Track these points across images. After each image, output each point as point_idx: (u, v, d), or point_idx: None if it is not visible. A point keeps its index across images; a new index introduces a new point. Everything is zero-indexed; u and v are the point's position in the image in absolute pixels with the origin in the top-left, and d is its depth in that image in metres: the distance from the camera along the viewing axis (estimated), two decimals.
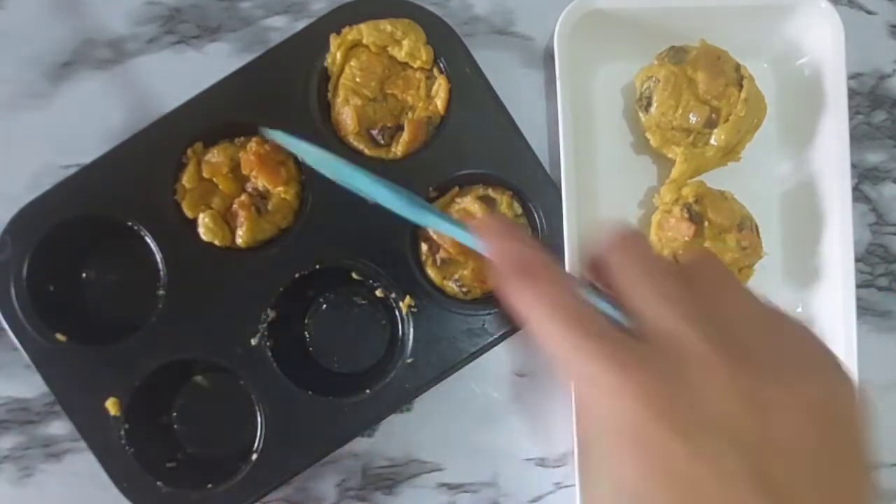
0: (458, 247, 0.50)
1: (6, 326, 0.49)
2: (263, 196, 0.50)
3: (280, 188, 0.49)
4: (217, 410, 0.53)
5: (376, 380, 0.50)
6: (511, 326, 0.50)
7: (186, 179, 0.49)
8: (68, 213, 0.49)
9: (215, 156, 0.49)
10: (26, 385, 0.53)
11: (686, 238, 0.47)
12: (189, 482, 0.49)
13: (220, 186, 0.49)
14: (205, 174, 0.49)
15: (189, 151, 0.49)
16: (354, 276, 0.50)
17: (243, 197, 0.49)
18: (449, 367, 0.50)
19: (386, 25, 0.49)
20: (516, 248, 0.28)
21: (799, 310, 0.53)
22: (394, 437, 0.53)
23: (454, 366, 0.50)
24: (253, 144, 0.49)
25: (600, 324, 0.26)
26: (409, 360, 0.49)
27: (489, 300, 0.51)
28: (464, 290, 0.51)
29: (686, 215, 0.47)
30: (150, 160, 0.49)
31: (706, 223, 0.47)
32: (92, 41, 0.53)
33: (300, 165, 0.50)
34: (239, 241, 0.49)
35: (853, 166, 0.51)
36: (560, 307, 0.26)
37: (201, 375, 0.53)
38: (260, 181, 0.49)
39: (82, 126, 0.53)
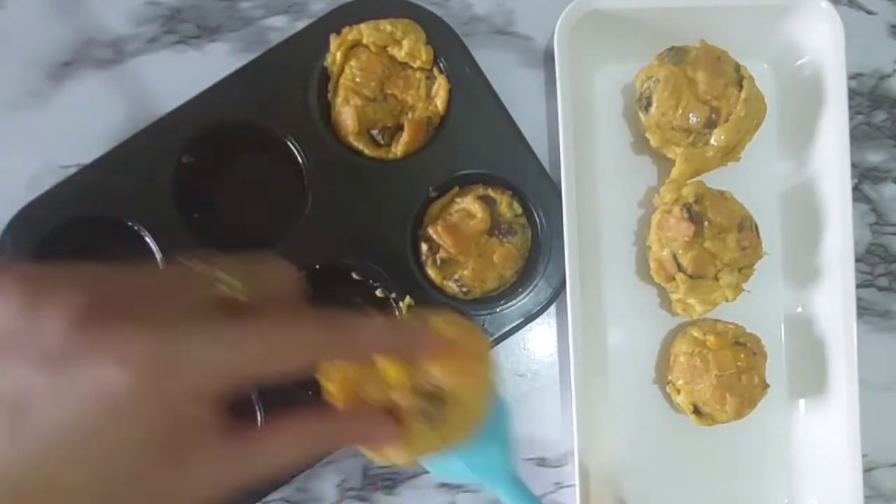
0: (458, 247, 0.50)
1: None
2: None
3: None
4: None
5: None
6: (511, 327, 0.50)
7: None
8: (68, 213, 0.49)
9: None
10: None
11: (686, 238, 0.47)
12: None
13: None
14: None
15: None
16: (354, 276, 0.50)
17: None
18: None
19: (386, 25, 0.49)
20: None
21: (799, 310, 0.53)
22: None
23: None
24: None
25: None
26: None
27: (489, 300, 0.51)
28: (464, 290, 0.51)
29: (686, 215, 0.47)
30: (150, 160, 0.49)
31: (706, 223, 0.47)
32: (92, 41, 0.53)
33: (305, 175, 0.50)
34: None
35: (853, 166, 0.51)
36: None
37: None
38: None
39: (82, 126, 0.53)
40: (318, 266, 0.49)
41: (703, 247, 0.48)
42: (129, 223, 0.49)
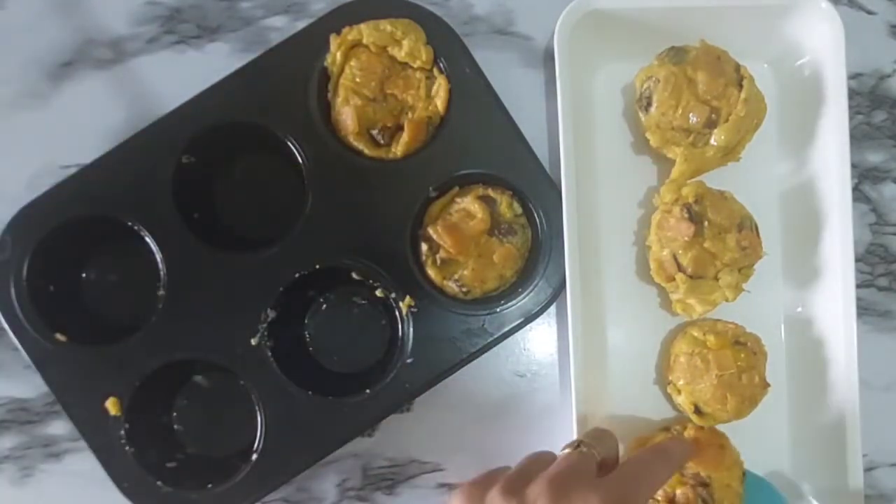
0: (458, 247, 0.50)
1: (6, 326, 0.49)
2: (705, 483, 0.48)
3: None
4: (217, 410, 0.53)
5: (376, 380, 0.50)
6: (511, 327, 0.50)
7: None
8: (68, 213, 0.49)
9: None
10: (26, 385, 0.53)
11: (686, 238, 0.47)
12: (189, 482, 0.49)
13: None
14: None
15: None
16: (354, 276, 0.50)
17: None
18: (449, 367, 0.50)
19: (386, 25, 0.49)
20: None
21: (799, 310, 0.53)
22: (394, 437, 0.53)
23: (454, 366, 0.50)
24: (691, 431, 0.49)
25: None
26: (409, 360, 0.49)
27: (489, 300, 0.51)
28: (464, 290, 0.51)
29: (686, 215, 0.47)
30: (150, 160, 0.49)
31: (706, 223, 0.47)
32: (92, 41, 0.53)
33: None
34: None
35: (853, 166, 0.51)
36: None
37: (201, 375, 0.53)
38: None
39: (82, 126, 0.53)
40: (318, 266, 0.49)
41: (703, 247, 0.48)
42: (129, 223, 0.49)
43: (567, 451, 0.42)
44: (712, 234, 0.48)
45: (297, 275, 0.49)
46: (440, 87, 0.50)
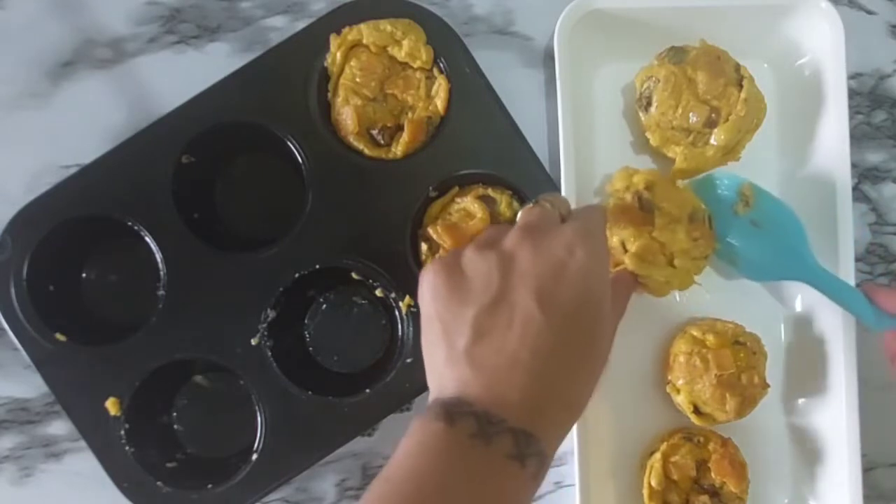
0: (458, 246, 0.50)
1: (6, 326, 0.49)
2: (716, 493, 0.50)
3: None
4: (217, 410, 0.53)
5: (376, 380, 0.50)
6: None
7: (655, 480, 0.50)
8: (68, 213, 0.49)
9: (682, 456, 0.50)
10: (26, 385, 0.53)
11: (638, 226, 0.45)
12: (189, 482, 0.49)
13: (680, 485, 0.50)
14: (675, 476, 0.50)
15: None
16: (354, 276, 0.50)
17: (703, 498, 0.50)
18: None
19: (386, 25, 0.49)
20: None
21: (799, 310, 0.53)
22: (394, 437, 0.53)
23: None
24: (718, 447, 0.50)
25: None
26: (408, 360, 0.49)
27: None
28: None
29: (638, 203, 0.46)
30: (150, 160, 0.49)
31: (656, 212, 0.45)
32: (92, 41, 0.53)
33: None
34: None
35: (853, 166, 0.51)
36: None
37: (201, 375, 0.53)
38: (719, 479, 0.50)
39: (82, 126, 0.53)
40: (318, 266, 0.49)
41: (651, 236, 0.45)
42: (129, 223, 0.49)
43: (529, 206, 0.41)
44: (662, 224, 0.45)
45: (297, 275, 0.49)
46: (440, 87, 0.50)
